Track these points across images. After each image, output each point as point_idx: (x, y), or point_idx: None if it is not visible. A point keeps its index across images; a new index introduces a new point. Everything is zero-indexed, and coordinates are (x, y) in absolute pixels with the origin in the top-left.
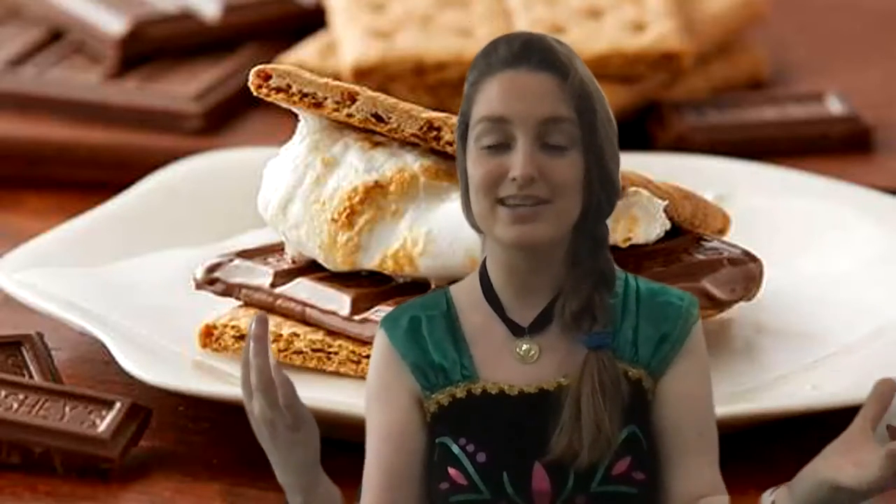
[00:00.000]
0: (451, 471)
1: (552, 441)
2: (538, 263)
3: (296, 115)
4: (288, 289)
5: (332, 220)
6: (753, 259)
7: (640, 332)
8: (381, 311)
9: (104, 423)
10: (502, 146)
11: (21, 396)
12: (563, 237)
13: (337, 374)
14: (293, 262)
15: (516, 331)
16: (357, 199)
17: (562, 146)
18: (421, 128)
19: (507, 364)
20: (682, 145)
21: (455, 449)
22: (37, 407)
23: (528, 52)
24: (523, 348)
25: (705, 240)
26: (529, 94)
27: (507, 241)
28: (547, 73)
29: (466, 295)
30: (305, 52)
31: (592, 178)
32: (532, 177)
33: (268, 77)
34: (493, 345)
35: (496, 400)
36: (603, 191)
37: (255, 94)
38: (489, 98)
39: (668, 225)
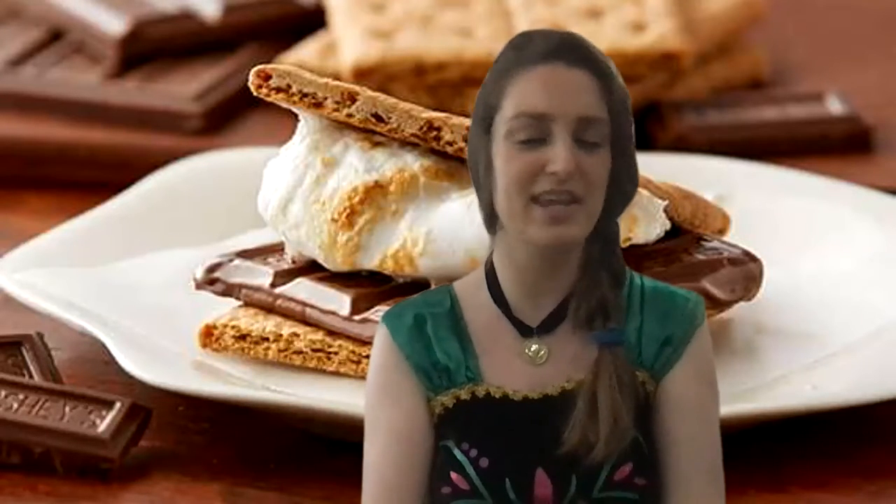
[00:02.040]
0: (454, 475)
1: (564, 436)
2: (555, 264)
3: (296, 115)
4: (288, 289)
5: (332, 220)
6: (753, 259)
7: (645, 333)
8: (381, 311)
9: (104, 423)
10: (537, 140)
11: (21, 396)
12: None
13: (337, 374)
14: (293, 262)
15: (524, 331)
16: (357, 199)
17: (596, 144)
18: (421, 128)
19: (513, 366)
20: (682, 145)
21: (458, 453)
22: (37, 407)
23: (565, 47)
24: (532, 349)
25: (705, 240)
26: (569, 90)
27: (542, 242)
28: (584, 70)
29: (471, 293)
30: (305, 52)
31: (621, 176)
32: (573, 172)
33: (268, 77)
34: (500, 346)
35: (500, 404)
36: (631, 189)
37: (255, 94)
38: (527, 93)
39: (668, 225)
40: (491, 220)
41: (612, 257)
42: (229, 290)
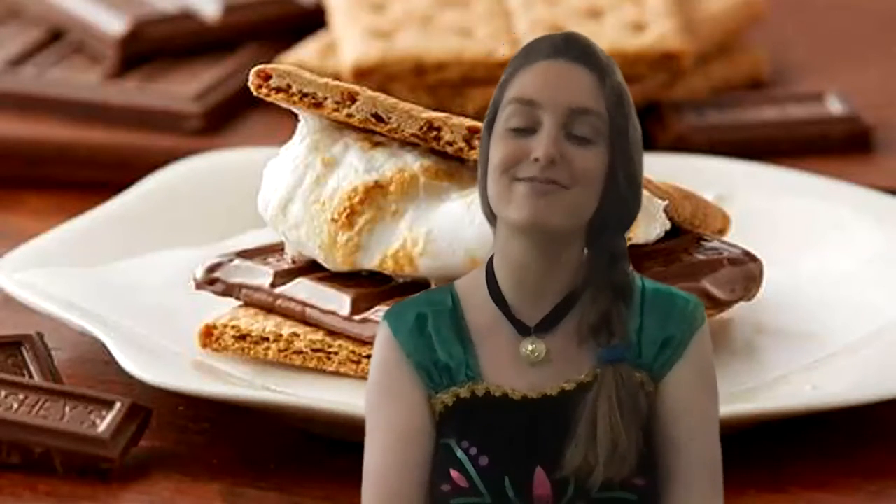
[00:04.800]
0: (454, 473)
1: (567, 456)
2: (548, 261)
3: (296, 115)
4: (288, 289)
5: (332, 220)
6: (753, 259)
7: (644, 333)
8: (380, 311)
9: (104, 423)
10: (528, 130)
11: (21, 396)
12: (576, 233)
13: (337, 374)
14: (293, 262)
15: (522, 330)
16: (357, 199)
17: (588, 138)
18: (421, 128)
19: (512, 365)
20: (682, 145)
21: (458, 451)
22: (37, 407)
23: (568, 45)
24: (529, 348)
25: (705, 240)
26: (563, 82)
27: (521, 220)
28: (584, 67)
29: (472, 292)
30: (305, 52)
31: (618, 175)
32: (554, 159)
33: (268, 77)
34: (499, 345)
35: (499, 403)
36: (629, 190)
37: (255, 94)
38: (523, 83)
39: (668, 225)
40: (490, 213)
41: (618, 272)
42: (229, 290)
